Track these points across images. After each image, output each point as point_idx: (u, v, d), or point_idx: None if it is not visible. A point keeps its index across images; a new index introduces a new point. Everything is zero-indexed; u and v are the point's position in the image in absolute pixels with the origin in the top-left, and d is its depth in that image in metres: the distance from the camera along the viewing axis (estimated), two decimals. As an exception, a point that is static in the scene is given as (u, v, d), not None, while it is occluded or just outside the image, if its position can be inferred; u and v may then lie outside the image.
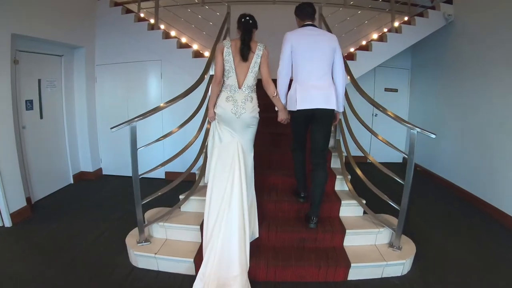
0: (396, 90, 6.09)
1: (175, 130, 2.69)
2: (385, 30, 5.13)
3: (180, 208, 2.80)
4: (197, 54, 4.48)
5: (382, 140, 2.63)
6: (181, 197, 2.81)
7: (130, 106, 4.74)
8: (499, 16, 3.67)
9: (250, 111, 2.33)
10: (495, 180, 3.64)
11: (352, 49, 5.00)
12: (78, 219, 3.38)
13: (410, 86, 6.06)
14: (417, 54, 5.76)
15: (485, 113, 3.90)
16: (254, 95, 2.39)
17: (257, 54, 2.33)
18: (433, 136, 2.23)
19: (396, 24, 4.62)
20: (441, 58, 4.93)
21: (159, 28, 4.56)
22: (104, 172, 5.06)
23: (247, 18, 2.35)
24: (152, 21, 4.58)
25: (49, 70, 4.17)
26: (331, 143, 3.43)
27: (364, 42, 5.16)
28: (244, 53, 2.30)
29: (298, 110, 2.38)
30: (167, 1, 5.09)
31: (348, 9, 5.16)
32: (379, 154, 4.32)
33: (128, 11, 4.68)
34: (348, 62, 3.70)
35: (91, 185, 4.56)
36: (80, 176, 4.76)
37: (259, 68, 2.36)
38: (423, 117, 5.50)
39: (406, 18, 4.91)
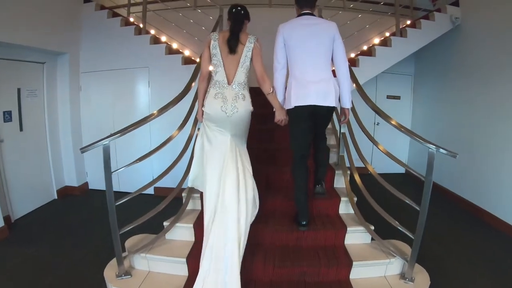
0: (398, 98, 5.80)
1: (161, 145, 2.43)
2: (387, 34, 4.93)
3: (165, 235, 2.49)
4: (188, 61, 4.21)
5: (384, 151, 2.38)
6: (165, 224, 2.50)
7: (117, 116, 4.46)
8: (509, 19, 3.42)
9: (243, 110, 2.14)
10: (509, 195, 3.36)
11: (353, 55, 4.73)
12: (57, 243, 3.07)
13: (413, 92, 5.77)
14: (420, 59, 5.48)
15: (496, 121, 3.63)
16: (247, 93, 2.19)
17: (248, 46, 2.14)
18: (455, 156, 1.95)
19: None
20: (446, 63, 4.66)
21: (147, 32, 4.28)
22: (90, 187, 4.74)
23: (239, 8, 2.20)
24: (141, 25, 4.30)
25: (30, 79, 3.89)
26: (334, 158, 3.15)
27: (365, 47, 4.90)
28: (232, 44, 2.12)
29: (295, 108, 2.19)
30: (159, 5, 4.82)
31: (348, 12, 4.90)
32: (381, 164, 4.03)
33: (115, 14, 4.41)
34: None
35: (76, 202, 4.25)
36: (65, 191, 4.44)
37: (250, 63, 2.17)
38: (427, 125, 5.22)
39: (408, 22, 4.69)
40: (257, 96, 2.36)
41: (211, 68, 2.22)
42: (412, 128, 5.53)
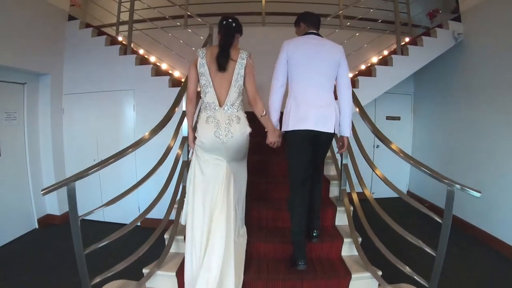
0: (398, 118, 5.55)
1: (144, 179, 2.16)
2: (386, 53, 4.76)
3: (145, 284, 2.18)
4: (176, 83, 3.97)
5: (381, 177, 2.24)
6: (144, 271, 2.18)
7: (101, 140, 4.20)
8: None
9: (239, 134, 1.96)
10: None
11: (350, 75, 4.51)
12: (34, 280, 2.77)
13: (413, 113, 5.54)
14: (420, 77, 5.27)
15: (502, 143, 3.40)
16: (242, 114, 2.01)
17: (240, 63, 1.96)
18: (478, 195, 1.68)
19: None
20: (448, 81, 4.45)
21: (133, 52, 4.07)
22: (73, 215, 4.40)
23: (230, 20, 2.03)
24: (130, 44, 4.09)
25: (9, 101, 3.65)
26: (335, 192, 2.89)
27: (363, 67, 4.70)
28: (221, 61, 1.92)
29: (293, 132, 2.04)
30: (147, 24, 4.61)
31: (345, 30, 4.72)
32: (384, 187, 3.68)
33: (101, 33, 4.20)
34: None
35: (58, 232, 3.92)
36: (46, 220, 4.12)
37: (244, 81, 1.99)
38: (429, 147, 4.96)
39: (407, 39, 4.54)
40: (250, 122, 2.11)
41: (199, 89, 2.04)
42: (413, 150, 5.31)
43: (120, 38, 4.62)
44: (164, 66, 4.70)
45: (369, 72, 4.04)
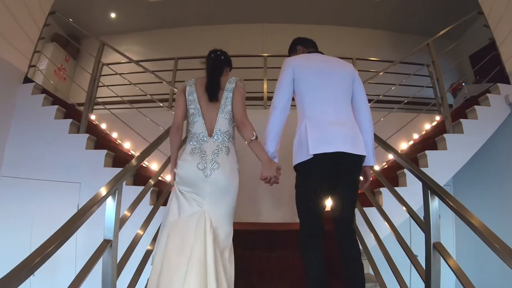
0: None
1: None
2: (416, 136, 3.91)
3: None
4: (143, 178, 2.80)
5: None
6: None
7: (35, 241, 2.83)
8: None
9: (228, 167, 1.68)
10: None
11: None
12: None
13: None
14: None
15: None
16: (232, 146, 1.78)
17: (228, 88, 1.81)
18: None
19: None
20: (500, 165, 3.33)
21: (87, 131, 3.06)
22: None
23: (218, 53, 1.92)
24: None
25: None
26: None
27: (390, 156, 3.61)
28: (211, 93, 1.79)
29: (313, 159, 1.60)
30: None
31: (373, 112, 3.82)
32: None
33: (56, 102, 3.30)
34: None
35: None
36: None
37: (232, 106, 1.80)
38: (481, 259, 3.50)
39: (438, 118, 3.86)
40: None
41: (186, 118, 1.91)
42: (458, 257, 3.78)
43: (93, 117, 3.88)
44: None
45: (416, 161, 2.95)
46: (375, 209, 2.23)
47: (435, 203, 1.55)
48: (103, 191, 1.35)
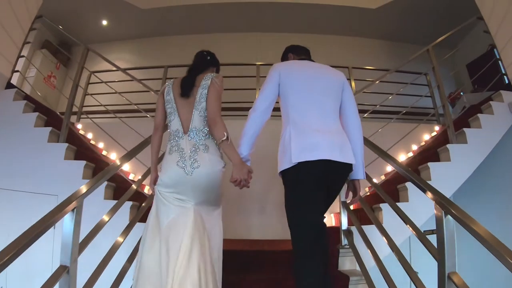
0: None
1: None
2: (415, 147, 3.81)
3: None
4: (119, 192, 2.59)
5: None
6: None
7: (9, 271, 2.55)
8: None
9: (208, 164, 1.61)
10: None
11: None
12: None
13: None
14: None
15: None
16: (212, 143, 1.69)
17: (203, 85, 1.72)
18: None
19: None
20: (504, 175, 3.12)
21: (67, 139, 2.88)
22: None
23: (204, 53, 1.92)
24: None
25: None
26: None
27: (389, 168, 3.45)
28: (184, 85, 1.74)
29: (298, 167, 1.49)
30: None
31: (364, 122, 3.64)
32: None
33: (38, 109, 3.12)
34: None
35: None
36: None
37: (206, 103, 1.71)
38: (483, 275, 3.19)
39: (437, 128, 3.82)
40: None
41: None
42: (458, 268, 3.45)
43: (79, 126, 3.83)
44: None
45: (417, 174, 2.74)
46: (374, 227, 2.03)
47: (450, 225, 1.29)
48: (56, 210, 1.15)
